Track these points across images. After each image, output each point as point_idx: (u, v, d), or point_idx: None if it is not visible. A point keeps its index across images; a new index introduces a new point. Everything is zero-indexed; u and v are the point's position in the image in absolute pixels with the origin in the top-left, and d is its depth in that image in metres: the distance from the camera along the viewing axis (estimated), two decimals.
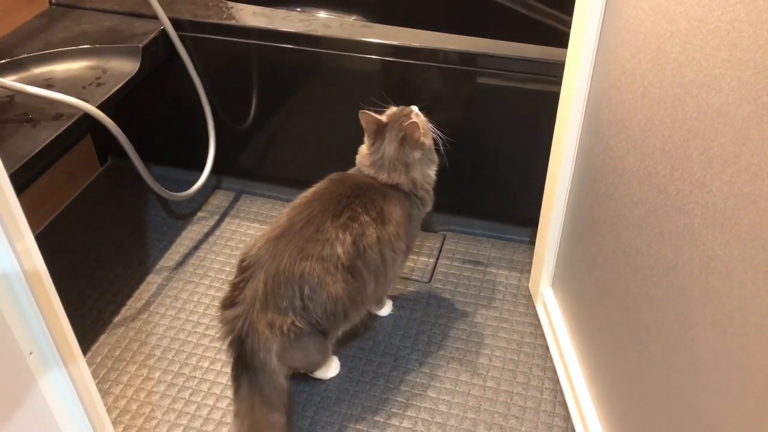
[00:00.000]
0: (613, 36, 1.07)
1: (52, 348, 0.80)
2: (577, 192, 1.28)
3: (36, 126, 1.32)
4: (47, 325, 0.79)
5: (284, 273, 1.16)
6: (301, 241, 1.18)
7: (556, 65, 1.40)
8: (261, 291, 1.16)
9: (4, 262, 0.74)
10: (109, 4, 1.65)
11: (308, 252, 1.17)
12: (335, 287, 1.19)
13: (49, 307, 0.80)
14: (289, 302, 1.16)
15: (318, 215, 1.21)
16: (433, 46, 1.49)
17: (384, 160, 1.31)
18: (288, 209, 1.25)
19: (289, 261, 1.17)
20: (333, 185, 1.29)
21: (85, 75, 1.48)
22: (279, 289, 1.16)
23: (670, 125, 0.89)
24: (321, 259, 1.18)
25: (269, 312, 1.16)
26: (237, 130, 1.77)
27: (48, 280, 0.80)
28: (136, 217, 1.79)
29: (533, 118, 1.51)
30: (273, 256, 1.17)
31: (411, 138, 1.29)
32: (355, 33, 1.53)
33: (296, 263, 1.16)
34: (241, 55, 1.63)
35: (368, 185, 1.29)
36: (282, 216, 1.24)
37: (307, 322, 1.19)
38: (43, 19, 1.60)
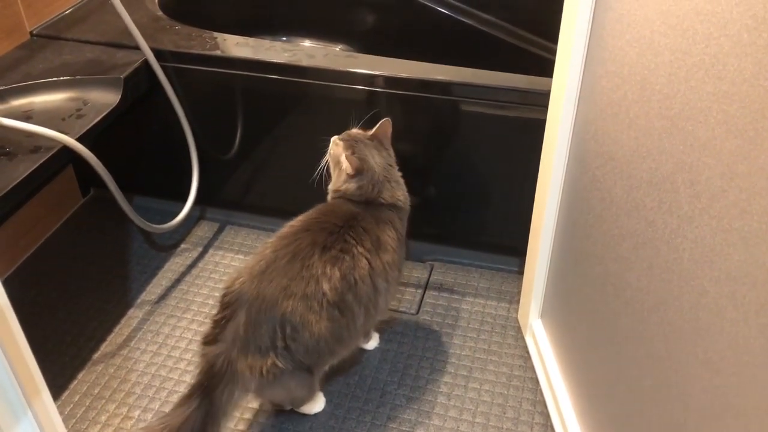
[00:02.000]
0: (598, 67, 1.06)
1: (18, 392, 0.76)
2: (564, 222, 1.26)
3: (12, 159, 1.29)
4: (12, 368, 0.76)
5: (266, 312, 1.13)
6: (284, 278, 1.15)
7: (543, 95, 1.40)
8: (242, 331, 1.13)
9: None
10: (90, 35, 1.63)
11: (291, 290, 1.14)
12: (318, 326, 1.16)
13: (15, 350, 0.76)
14: (270, 342, 1.13)
15: (305, 248, 1.18)
16: (419, 77, 1.48)
17: (376, 176, 1.28)
18: (274, 239, 1.22)
19: (271, 300, 1.14)
20: (323, 215, 1.26)
21: (65, 107, 1.46)
22: (260, 329, 1.13)
23: (657, 157, 0.88)
24: (305, 297, 1.15)
25: (250, 353, 1.13)
26: (221, 160, 1.75)
27: (14, 321, 0.76)
28: (118, 248, 1.75)
29: (520, 147, 1.50)
30: (255, 294, 1.14)
31: (386, 136, 1.31)
32: (339, 63, 1.52)
33: (279, 302, 1.14)
34: (224, 86, 1.61)
35: (360, 214, 1.26)
36: (267, 247, 1.21)
37: (290, 361, 1.15)
38: (23, 51, 1.58)
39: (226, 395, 1.13)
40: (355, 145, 1.30)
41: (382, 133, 1.33)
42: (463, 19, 2.08)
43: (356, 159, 1.27)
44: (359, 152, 1.29)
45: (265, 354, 1.13)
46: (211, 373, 1.13)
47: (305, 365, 1.19)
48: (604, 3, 1.03)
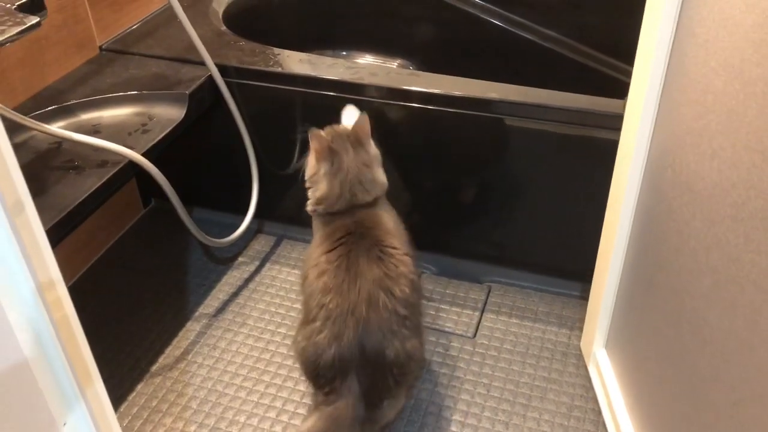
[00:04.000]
0: (678, 94, 1.01)
1: (87, 418, 0.77)
2: (635, 251, 1.21)
3: (81, 173, 1.31)
4: (83, 395, 0.76)
5: (374, 369, 1.17)
6: (368, 324, 1.15)
7: (608, 116, 1.35)
8: (359, 395, 1.17)
9: (36, 322, 0.71)
10: (157, 50, 1.66)
11: (381, 330, 1.16)
12: (413, 345, 1.20)
13: (85, 373, 0.77)
14: (387, 391, 1.20)
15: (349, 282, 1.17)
16: (481, 96, 1.45)
17: (349, 177, 1.26)
18: (318, 287, 1.19)
19: (373, 354, 1.16)
20: (333, 240, 1.24)
21: (131, 121, 1.48)
22: (376, 386, 1.18)
23: (743, 192, 0.83)
24: (391, 330, 1.16)
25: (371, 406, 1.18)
26: (280, 175, 1.75)
27: (84, 344, 0.77)
28: (177, 260, 1.77)
29: (582, 168, 1.46)
30: (358, 354, 1.15)
31: (364, 133, 1.28)
32: (401, 81, 1.51)
33: (383, 352, 1.16)
34: (286, 102, 1.62)
35: (352, 221, 1.25)
36: (317, 299, 1.19)
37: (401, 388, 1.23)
38: (93, 65, 1.62)
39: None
40: (333, 137, 1.28)
41: (360, 130, 1.28)
42: (526, 35, 2.05)
43: (325, 142, 1.26)
44: (335, 144, 1.27)
45: (385, 398, 1.19)
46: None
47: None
48: (686, 28, 0.99)
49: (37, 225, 0.70)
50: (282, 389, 1.44)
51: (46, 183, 1.29)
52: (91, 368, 0.80)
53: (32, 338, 0.71)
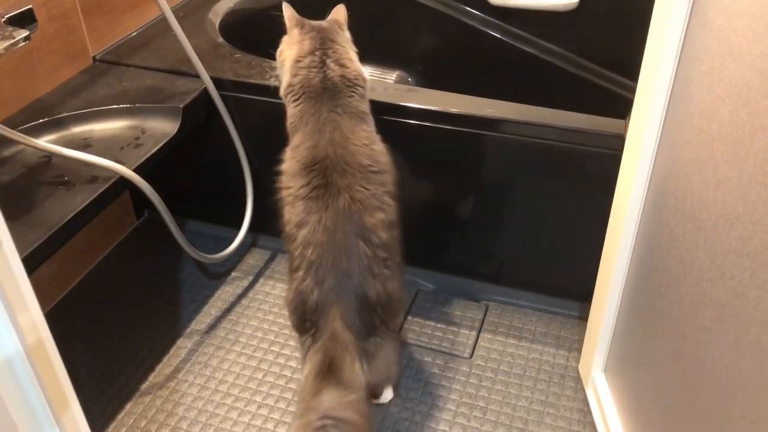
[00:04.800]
0: (682, 120, 0.99)
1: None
2: (636, 277, 1.19)
3: (71, 189, 1.28)
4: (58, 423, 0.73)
5: (358, 311, 1.18)
6: (344, 264, 1.17)
7: (609, 136, 1.33)
8: (343, 329, 1.17)
9: (7, 348, 0.68)
10: (151, 62, 1.63)
11: (359, 272, 1.17)
12: (394, 284, 1.22)
13: (61, 399, 0.74)
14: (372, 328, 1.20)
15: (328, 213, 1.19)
16: (479, 114, 1.43)
17: (321, 36, 1.31)
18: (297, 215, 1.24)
19: (355, 298, 1.17)
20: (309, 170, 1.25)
21: (124, 135, 1.45)
22: (358, 324, 1.18)
23: (749, 226, 0.81)
24: (372, 273, 1.18)
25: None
26: (275, 189, 1.72)
27: (60, 368, 0.74)
28: (170, 274, 1.75)
29: (585, 188, 1.43)
30: (337, 300, 1.16)
31: (341, 17, 1.35)
32: (399, 97, 1.48)
33: (363, 294, 1.17)
34: (281, 114, 1.59)
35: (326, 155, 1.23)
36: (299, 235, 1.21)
37: (386, 330, 1.25)
38: (86, 76, 1.59)
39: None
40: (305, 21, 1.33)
41: (336, 15, 1.35)
42: (526, 48, 2.03)
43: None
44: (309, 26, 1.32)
45: (371, 335, 1.19)
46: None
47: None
48: (690, 53, 0.96)
49: (12, 253, 0.67)
50: (274, 410, 1.41)
51: (34, 199, 1.26)
52: (68, 393, 0.77)
53: (3, 366, 0.68)
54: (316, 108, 1.27)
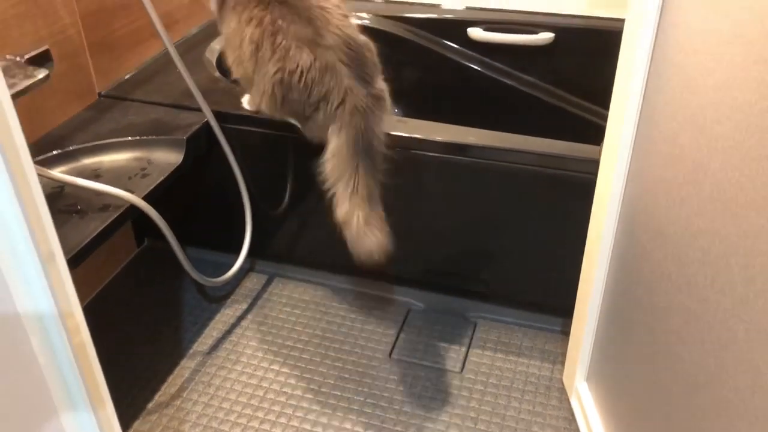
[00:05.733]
0: (649, 144, 1.10)
1: None
2: (613, 290, 1.29)
3: (84, 217, 1.36)
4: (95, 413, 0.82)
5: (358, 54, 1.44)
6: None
7: (585, 161, 1.44)
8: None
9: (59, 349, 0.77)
10: (155, 96, 1.73)
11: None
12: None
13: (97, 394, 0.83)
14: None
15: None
16: (463, 141, 1.53)
17: None
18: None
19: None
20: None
21: (131, 166, 1.54)
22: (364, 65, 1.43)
23: (709, 238, 0.91)
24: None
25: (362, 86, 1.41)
26: (272, 215, 1.81)
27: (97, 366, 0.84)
28: (170, 299, 1.82)
29: (564, 209, 1.54)
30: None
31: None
32: (392, 128, 1.58)
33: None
34: (278, 145, 1.69)
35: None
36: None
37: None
38: (92, 111, 1.68)
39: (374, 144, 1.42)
40: None
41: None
42: (506, 81, 2.15)
43: None
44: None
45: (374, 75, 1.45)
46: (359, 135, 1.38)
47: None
48: (654, 85, 1.08)
49: (64, 269, 0.76)
50: (276, 425, 1.49)
51: None
52: (103, 391, 0.86)
53: (51, 360, 0.77)
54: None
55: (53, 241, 0.75)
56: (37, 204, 0.74)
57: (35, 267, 0.74)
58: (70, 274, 0.76)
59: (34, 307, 0.76)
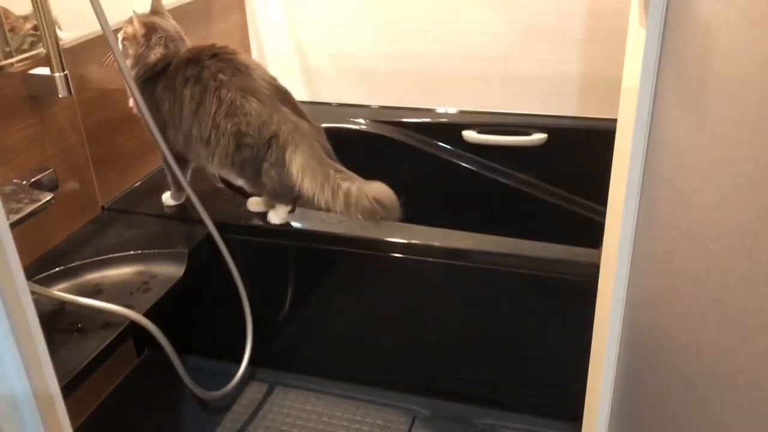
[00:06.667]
0: (646, 256, 1.11)
1: None
2: (620, 402, 1.27)
3: (85, 336, 1.36)
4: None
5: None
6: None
7: (584, 265, 1.45)
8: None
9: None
10: (157, 209, 1.75)
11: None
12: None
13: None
14: None
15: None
16: (460, 247, 1.55)
17: (170, 34, 1.63)
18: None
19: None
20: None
21: (133, 280, 1.54)
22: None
23: (714, 356, 0.91)
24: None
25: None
26: (273, 323, 1.80)
27: None
28: (171, 410, 1.78)
29: (566, 312, 1.53)
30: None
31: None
32: (391, 234, 1.61)
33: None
34: (278, 253, 1.70)
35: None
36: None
37: None
38: (95, 225, 1.70)
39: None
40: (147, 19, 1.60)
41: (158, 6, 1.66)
42: (502, 180, 2.19)
43: (143, 22, 1.57)
44: (149, 20, 1.60)
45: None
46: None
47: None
48: (648, 196, 1.10)
49: (63, 416, 0.75)
50: None
51: (50, 347, 1.32)
52: None
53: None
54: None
55: (53, 388, 0.74)
56: (35, 341, 0.74)
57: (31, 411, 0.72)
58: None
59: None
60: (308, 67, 2.34)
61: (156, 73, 1.60)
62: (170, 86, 1.59)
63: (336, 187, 1.53)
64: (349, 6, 2.21)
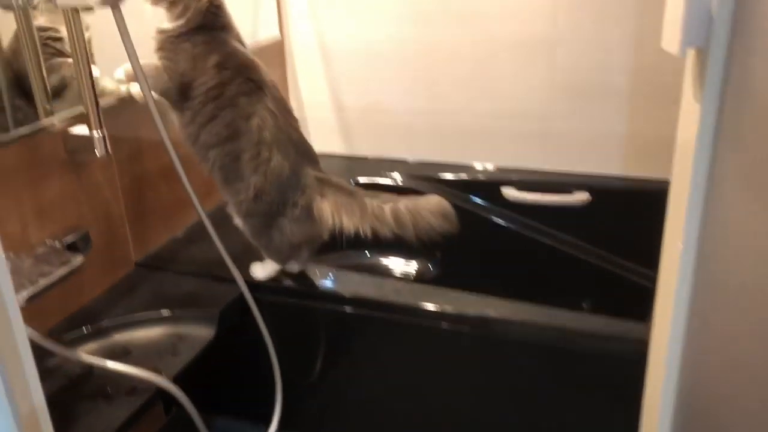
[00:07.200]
0: (702, 341, 1.04)
1: None
2: None
3: (111, 403, 1.32)
4: None
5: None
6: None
7: (631, 340, 1.37)
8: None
9: None
10: (189, 266, 1.73)
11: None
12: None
13: None
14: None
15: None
16: (501, 317, 1.48)
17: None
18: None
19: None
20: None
21: (162, 342, 1.51)
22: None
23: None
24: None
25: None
26: (302, 386, 1.75)
27: None
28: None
29: (607, 396, 1.45)
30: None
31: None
32: (423, 299, 1.55)
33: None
34: (312, 316, 1.66)
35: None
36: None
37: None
38: (128, 282, 1.68)
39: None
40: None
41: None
42: (543, 240, 2.13)
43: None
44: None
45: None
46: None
47: None
48: (705, 278, 1.03)
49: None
50: None
51: (76, 413, 1.30)
52: None
53: None
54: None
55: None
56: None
57: None
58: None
59: None
60: (345, 120, 2.33)
61: (204, 27, 1.49)
62: (222, 82, 1.49)
63: (379, 211, 1.48)
64: (387, 61, 2.20)
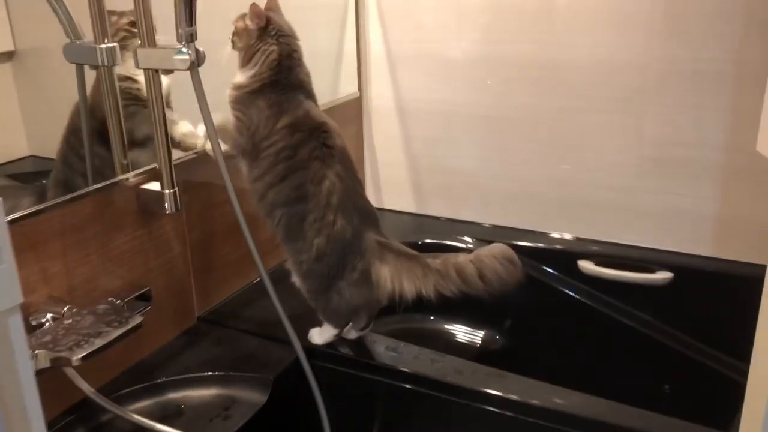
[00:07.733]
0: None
1: None
2: None
3: None
4: None
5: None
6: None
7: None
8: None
9: None
10: (248, 325, 1.72)
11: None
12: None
13: None
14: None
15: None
16: (574, 412, 1.38)
17: (284, 29, 1.51)
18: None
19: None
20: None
21: (214, 403, 1.49)
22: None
23: None
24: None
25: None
26: None
27: None
28: None
29: None
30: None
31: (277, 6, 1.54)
32: (487, 384, 1.47)
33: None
34: (367, 388, 1.61)
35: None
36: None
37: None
38: (187, 337, 1.68)
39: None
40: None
41: (273, 5, 1.52)
42: (618, 317, 2.00)
43: (256, 13, 1.45)
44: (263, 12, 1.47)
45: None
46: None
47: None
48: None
49: None
50: None
51: None
52: None
53: None
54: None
55: None
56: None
57: None
58: None
59: None
60: (418, 179, 2.29)
61: (278, 83, 1.49)
62: (297, 143, 1.48)
63: (442, 268, 1.45)
64: (464, 123, 2.16)
